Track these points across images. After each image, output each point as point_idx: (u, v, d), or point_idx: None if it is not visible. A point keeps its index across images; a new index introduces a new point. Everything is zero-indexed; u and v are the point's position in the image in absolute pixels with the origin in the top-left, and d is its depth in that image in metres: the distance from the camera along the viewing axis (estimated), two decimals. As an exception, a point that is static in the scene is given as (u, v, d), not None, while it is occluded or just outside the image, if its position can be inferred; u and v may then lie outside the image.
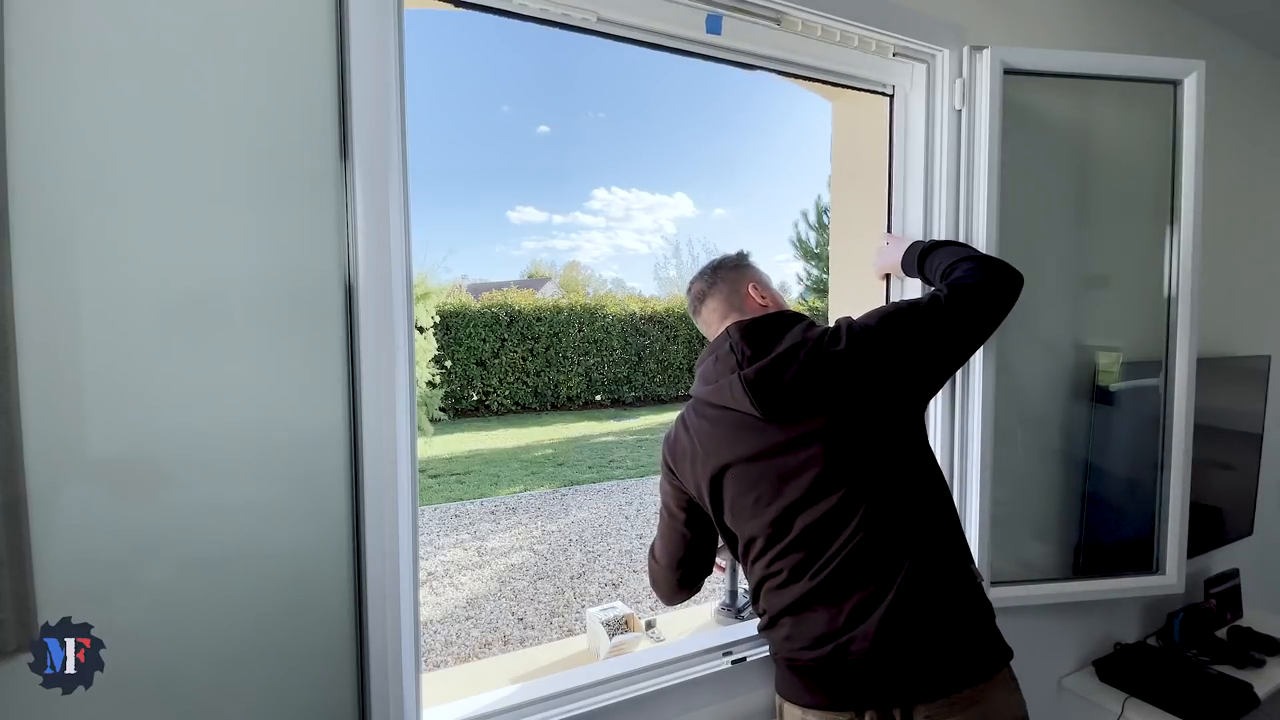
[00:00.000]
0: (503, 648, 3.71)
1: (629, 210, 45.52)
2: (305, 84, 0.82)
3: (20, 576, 0.67)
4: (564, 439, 9.64)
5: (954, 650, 0.97)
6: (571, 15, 1.03)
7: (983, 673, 0.97)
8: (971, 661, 0.98)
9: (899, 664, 0.95)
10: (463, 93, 41.86)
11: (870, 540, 0.96)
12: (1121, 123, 1.62)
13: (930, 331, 1.02)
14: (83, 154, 0.71)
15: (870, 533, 0.96)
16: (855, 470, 0.97)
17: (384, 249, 0.85)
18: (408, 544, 0.91)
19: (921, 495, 1.01)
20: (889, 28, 1.30)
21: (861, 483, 0.97)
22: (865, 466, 0.98)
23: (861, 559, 0.96)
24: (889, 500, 0.98)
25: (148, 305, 0.74)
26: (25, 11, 0.67)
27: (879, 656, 0.95)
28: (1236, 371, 2.05)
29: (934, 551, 0.99)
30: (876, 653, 0.94)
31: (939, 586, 0.98)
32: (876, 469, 0.98)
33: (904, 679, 0.95)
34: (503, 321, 11.17)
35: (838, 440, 0.98)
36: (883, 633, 0.94)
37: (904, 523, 0.98)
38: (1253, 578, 2.12)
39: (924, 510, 1.00)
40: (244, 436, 0.80)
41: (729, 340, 1.05)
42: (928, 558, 0.98)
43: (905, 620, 0.95)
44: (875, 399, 0.99)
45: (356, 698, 0.88)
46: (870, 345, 1.00)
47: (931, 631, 0.96)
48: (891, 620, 0.94)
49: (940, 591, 0.98)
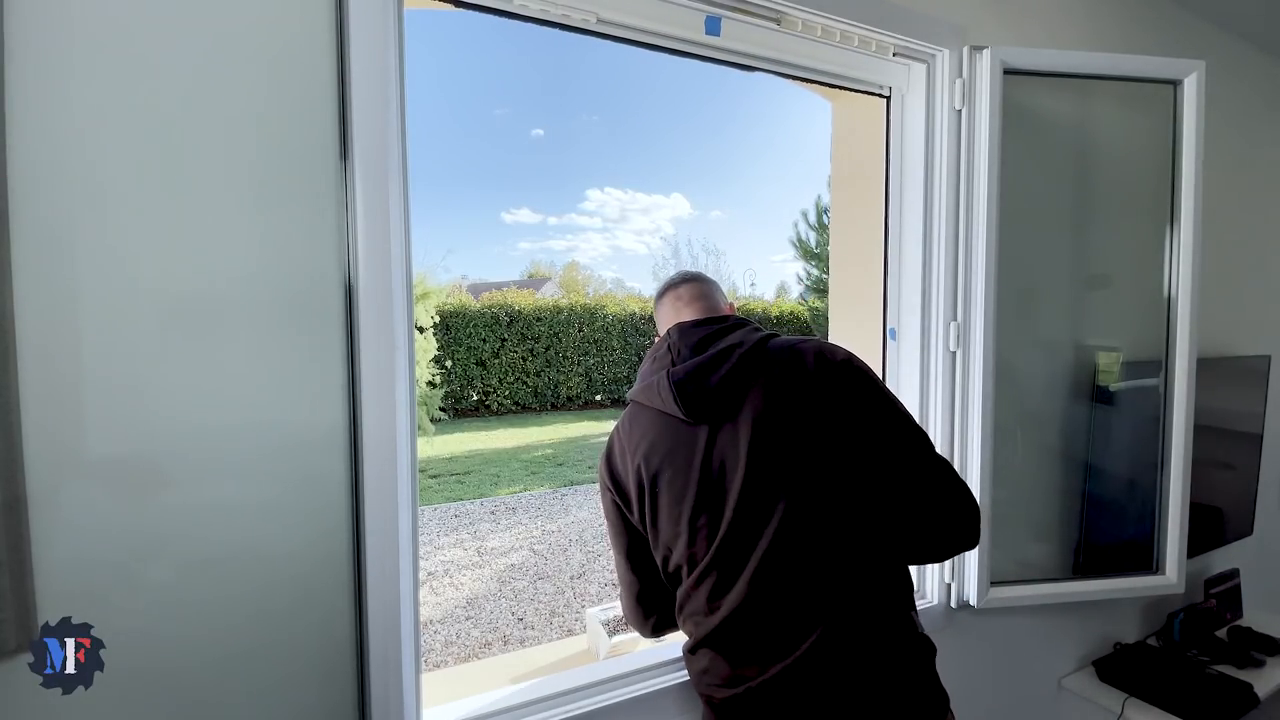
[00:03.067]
0: (503, 648, 3.70)
1: (624, 211, 45.55)
2: (305, 84, 0.82)
3: (20, 576, 0.67)
4: (564, 439, 9.64)
5: (886, 695, 0.86)
6: (571, 16, 1.03)
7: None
8: (904, 708, 0.86)
9: (821, 708, 0.85)
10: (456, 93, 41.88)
11: (790, 566, 0.86)
12: (1121, 123, 1.62)
13: (898, 447, 0.89)
14: (83, 154, 0.71)
15: (790, 558, 0.86)
16: (782, 484, 0.87)
17: (384, 249, 0.85)
18: (408, 544, 0.91)
19: (849, 522, 0.88)
20: (889, 28, 1.30)
21: (791, 497, 0.86)
22: (793, 483, 0.87)
23: (781, 587, 0.86)
24: (816, 521, 0.87)
25: (148, 305, 0.74)
26: (25, 12, 0.67)
27: (797, 699, 0.85)
28: (1236, 371, 2.05)
29: (863, 588, 0.87)
30: (793, 695, 0.85)
31: (869, 626, 0.87)
32: (804, 487, 0.87)
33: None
34: (503, 321, 11.17)
35: (766, 455, 0.88)
36: (801, 674, 0.85)
37: (829, 551, 0.87)
38: (1253, 578, 2.12)
39: (850, 540, 0.88)
40: (244, 436, 0.80)
41: (668, 340, 0.99)
42: (855, 593, 0.87)
43: (829, 660, 0.84)
44: (813, 434, 0.88)
45: (356, 697, 0.88)
46: (837, 391, 0.89)
47: (859, 674, 0.85)
48: (813, 660, 0.84)
49: (870, 632, 0.87)
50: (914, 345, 1.46)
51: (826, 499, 0.87)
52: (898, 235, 1.48)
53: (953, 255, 1.43)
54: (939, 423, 1.44)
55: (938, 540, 0.92)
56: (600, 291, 23.06)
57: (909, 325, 1.47)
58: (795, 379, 0.90)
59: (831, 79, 1.34)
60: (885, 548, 0.90)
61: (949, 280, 1.43)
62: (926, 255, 1.44)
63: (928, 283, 1.44)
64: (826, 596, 0.86)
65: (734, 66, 1.23)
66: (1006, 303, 1.43)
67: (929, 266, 1.44)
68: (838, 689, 0.85)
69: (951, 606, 1.47)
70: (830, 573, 0.87)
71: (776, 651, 0.87)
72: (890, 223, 1.48)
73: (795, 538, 0.86)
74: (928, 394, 1.46)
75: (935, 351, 1.45)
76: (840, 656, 0.85)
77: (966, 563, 1.45)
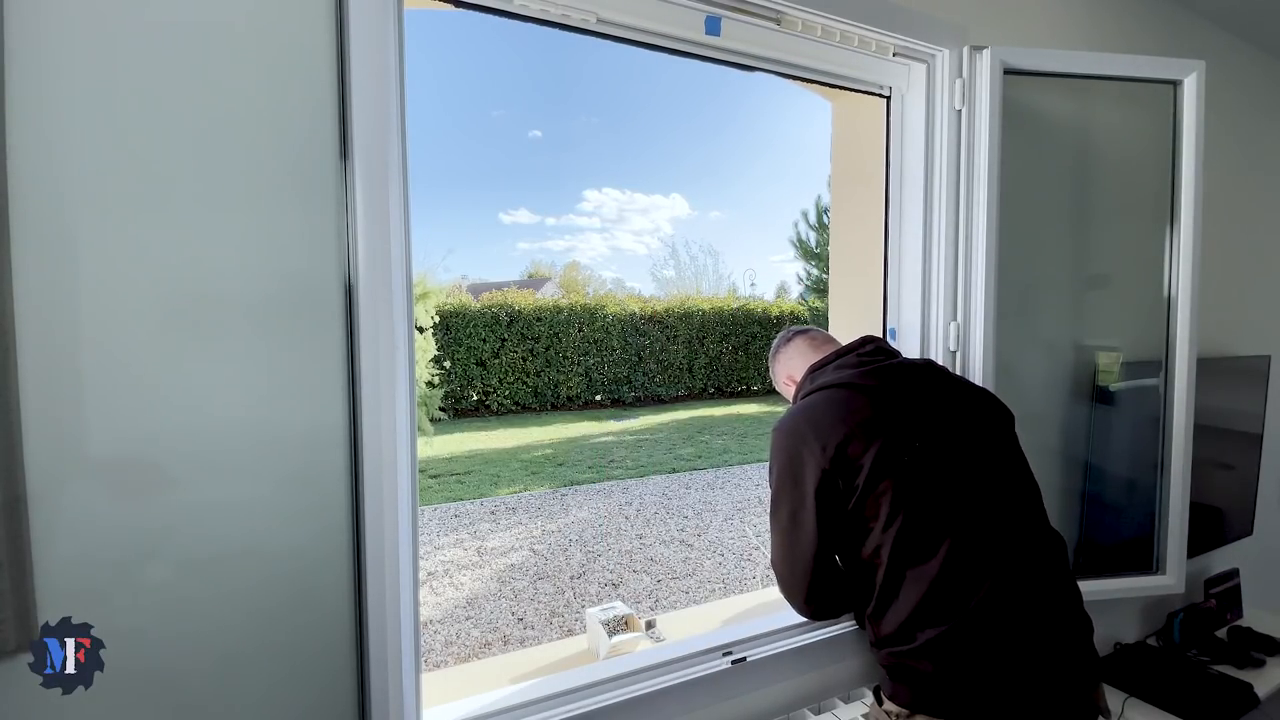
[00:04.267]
0: (502, 648, 3.70)
1: (622, 212, 45.49)
2: (305, 83, 0.82)
3: (20, 576, 0.67)
4: (564, 439, 9.64)
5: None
6: (571, 16, 1.03)
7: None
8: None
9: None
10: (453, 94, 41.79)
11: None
12: (1121, 123, 1.63)
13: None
14: (83, 154, 0.71)
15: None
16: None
17: (384, 249, 0.85)
18: (408, 544, 0.91)
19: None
20: (889, 28, 1.30)
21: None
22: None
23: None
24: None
25: (147, 305, 0.74)
26: (25, 11, 0.67)
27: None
28: (1236, 371, 2.05)
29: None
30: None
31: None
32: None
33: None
34: (503, 321, 11.16)
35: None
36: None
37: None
38: (1253, 578, 2.12)
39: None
40: (244, 436, 0.80)
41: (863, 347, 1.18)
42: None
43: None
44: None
45: (356, 697, 0.88)
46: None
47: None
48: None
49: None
50: (914, 345, 1.46)
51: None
52: (898, 235, 1.48)
53: (953, 255, 1.43)
54: (939, 423, 1.44)
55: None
56: (600, 291, 23.05)
57: (909, 325, 1.47)
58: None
59: (831, 79, 1.34)
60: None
61: (949, 280, 1.43)
62: (926, 255, 1.44)
63: (928, 283, 1.44)
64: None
65: (734, 66, 1.23)
66: (1006, 303, 1.43)
67: (929, 266, 1.44)
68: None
69: (951, 606, 1.47)
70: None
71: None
72: (890, 223, 1.48)
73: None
74: (928, 394, 1.45)
75: (935, 351, 1.45)
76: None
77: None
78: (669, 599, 4.35)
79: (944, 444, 1.03)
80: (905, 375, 1.10)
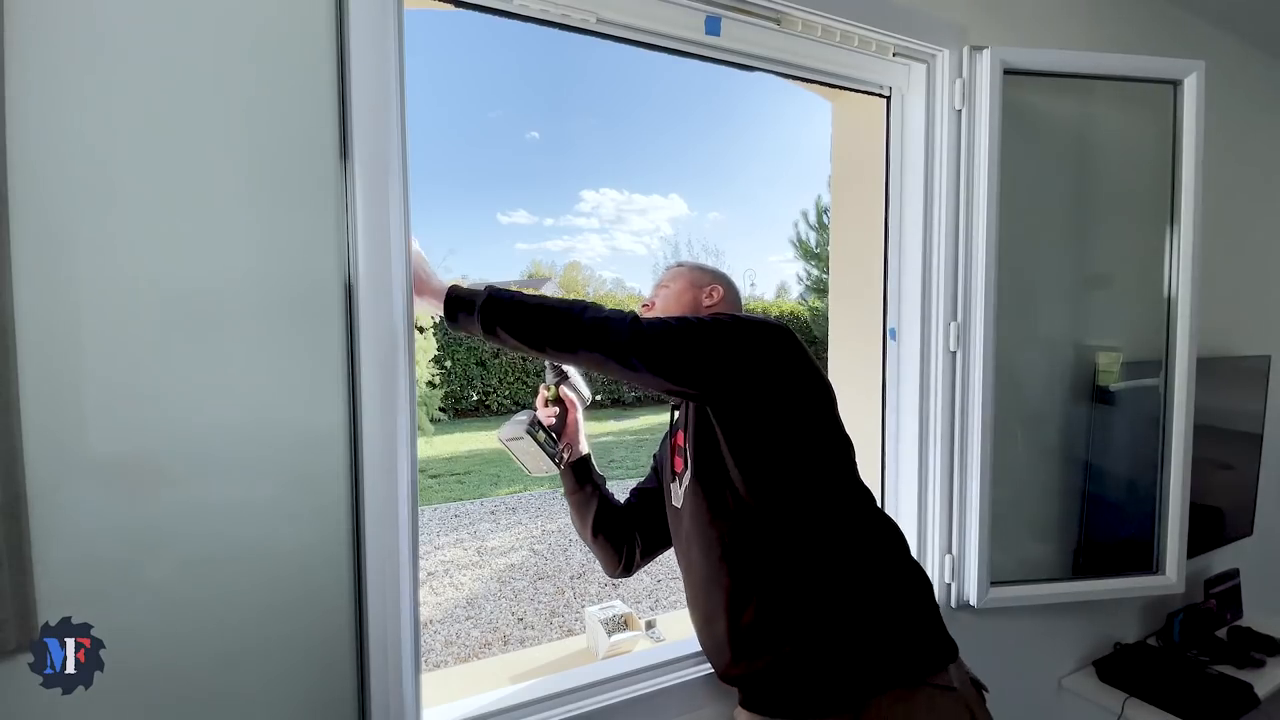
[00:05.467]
0: (503, 648, 3.71)
1: (621, 212, 45.45)
2: (305, 83, 0.82)
3: (20, 576, 0.67)
4: (564, 439, 9.62)
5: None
6: (570, 16, 1.03)
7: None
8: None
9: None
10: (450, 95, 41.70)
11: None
12: (1121, 123, 1.62)
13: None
14: (83, 154, 0.71)
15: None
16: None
17: (384, 249, 0.85)
18: (408, 544, 0.90)
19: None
20: (889, 28, 1.30)
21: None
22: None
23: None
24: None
25: (148, 305, 0.74)
26: (25, 11, 0.67)
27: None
28: (1236, 371, 2.05)
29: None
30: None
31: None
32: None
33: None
34: (503, 321, 11.16)
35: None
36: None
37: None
38: (1253, 578, 2.12)
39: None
40: (244, 436, 0.80)
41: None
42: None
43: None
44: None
45: (356, 697, 0.88)
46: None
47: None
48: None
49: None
50: (914, 345, 1.46)
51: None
52: (898, 235, 1.48)
53: (953, 255, 1.43)
54: (939, 422, 1.44)
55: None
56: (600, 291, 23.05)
57: (909, 325, 1.47)
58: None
59: (831, 79, 1.34)
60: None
61: (949, 280, 1.43)
62: (926, 255, 1.44)
63: (928, 283, 1.44)
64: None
65: (734, 66, 1.23)
66: (1006, 303, 1.43)
67: (929, 266, 1.44)
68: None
69: (951, 606, 1.47)
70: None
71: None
72: (890, 223, 1.48)
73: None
74: (928, 394, 1.46)
75: (935, 351, 1.45)
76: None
77: (967, 563, 1.45)
78: (669, 599, 4.35)
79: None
80: None
